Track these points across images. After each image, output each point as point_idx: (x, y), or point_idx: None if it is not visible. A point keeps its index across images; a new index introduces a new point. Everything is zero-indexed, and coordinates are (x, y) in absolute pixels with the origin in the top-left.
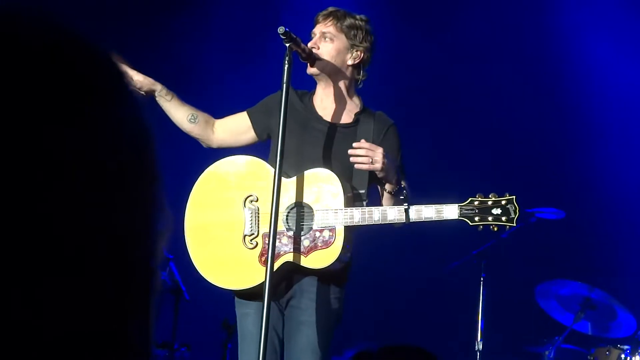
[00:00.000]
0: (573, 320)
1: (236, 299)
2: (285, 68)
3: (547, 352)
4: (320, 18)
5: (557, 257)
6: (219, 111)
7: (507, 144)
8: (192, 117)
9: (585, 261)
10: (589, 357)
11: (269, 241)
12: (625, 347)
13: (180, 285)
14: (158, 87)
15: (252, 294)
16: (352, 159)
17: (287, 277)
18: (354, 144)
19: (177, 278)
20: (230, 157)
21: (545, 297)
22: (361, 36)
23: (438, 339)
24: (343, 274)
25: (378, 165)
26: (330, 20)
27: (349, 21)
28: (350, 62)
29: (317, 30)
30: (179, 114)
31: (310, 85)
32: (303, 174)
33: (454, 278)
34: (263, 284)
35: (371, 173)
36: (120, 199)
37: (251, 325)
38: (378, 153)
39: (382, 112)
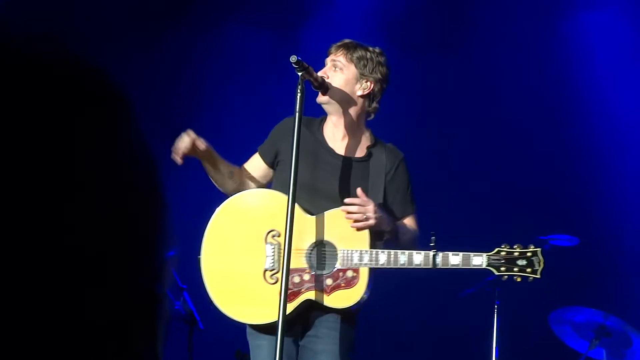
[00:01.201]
0: (588, 347)
1: (249, 329)
2: (298, 97)
3: None
4: (332, 49)
5: (571, 284)
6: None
7: (521, 171)
8: (230, 174)
9: (599, 288)
10: None
11: (281, 271)
12: None
13: (194, 315)
14: (213, 154)
15: (268, 327)
16: (346, 216)
17: (305, 313)
18: (346, 200)
19: (191, 307)
20: (250, 189)
21: (560, 324)
22: (371, 67)
23: None
24: (352, 318)
25: (372, 222)
26: (340, 51)
27: (359, 52)
28: (359, 93)
29: (329, 60)
30: (219, 174)
31: (317, 113)
32: (328, 212)
33: (468, 305)
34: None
35: (385, 206)
36: (126, 223)
37: (266, 356)
38: (370, 209)
39: (392, 144)
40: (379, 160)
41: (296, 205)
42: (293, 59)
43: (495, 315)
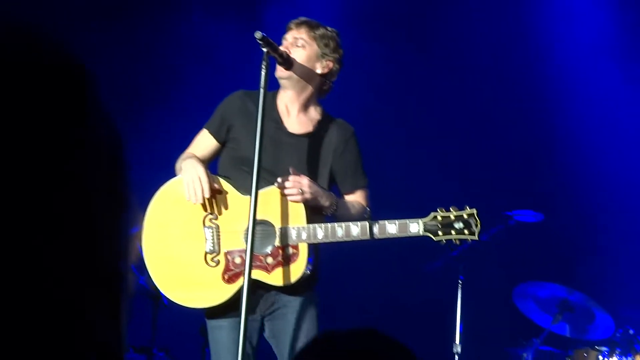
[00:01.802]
0: (551, 322)
1: (206, 311)
2: (263, 73)
3: (525, 355)
4: (292, 26)
5: (535, 259)
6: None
7: (485, 147)
8: None
9: (563, 263)
10: (567, 358)
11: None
12: (603, 348)
13: (159, 290)
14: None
15: (224, 309)
16: (281, 193)
17: (253, 293)
18: (278, 179)
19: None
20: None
21: (523, 299)
22: (332, 46)
23: (416, 342)
24: (312, 277)
25: (307, 196)
26: (303, 28)
27: (321, 31)
28: (319, 71)
29: (290, 36)
30: None
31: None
32: (260, 191)
33: (432, 281)
34: (229, 301)
35: (330, 174)
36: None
37: (225, 337)
38: (304, 183)
39: (342, 119)
40: (329, 135)
41: (230, 186)
42: (258, 35)
43: (460, 289)
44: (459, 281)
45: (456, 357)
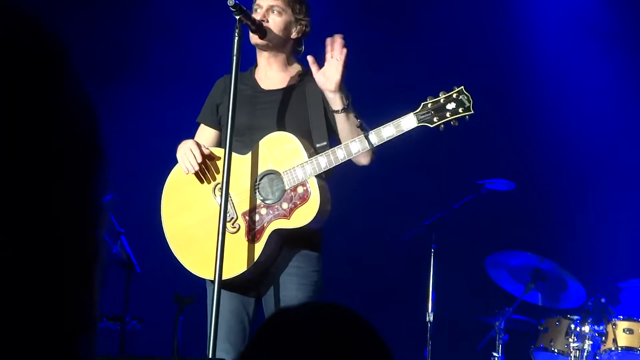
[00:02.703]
0: (523, 291)
1: (208, 284)
2: (236, 40)
3: (497, 323)
4: None
5: (507, 228)
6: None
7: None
8: None
9: (535, 232)
10: (539, 327)
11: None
12: (575, 317)
13: (131, 259)
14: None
15: (231, 285)
16: (332, 55)
17: (279, 248)
18: (328, 39)
19: (129, 252)
20: None
21: (496, 268)
22: (305, 10)
23: (388, 311)
24: (317, 244)
25: (342, 68)
26: None
27: None
28: (294, 36)
29: (263, 2)
30: None
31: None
32: (258, 143)
33: (405, 249)
34: (261, 258)
35: (329, 126)
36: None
37: (227, 310)
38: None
39: None
40: (312, 82)
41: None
42: (231, 2)
43: (432, 259)
44: (432, 250)
45: (429, 325)
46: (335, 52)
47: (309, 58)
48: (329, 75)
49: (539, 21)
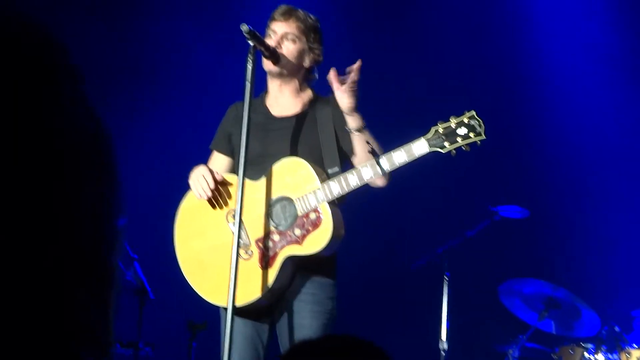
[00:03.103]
0: (537, 319)
1: (222, 311)
2: (249, 66)
3: (511, 351)
4: (280, 17)
5: (521, 255)
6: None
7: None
8: None
9: (549, 260)
10: (553, 355)
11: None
12: (589, 345)
13: (145, 285)
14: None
15: (242, 311)
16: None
17: (293, 274)
18: (347, 69)
19: (142, 277)
20: None
21: (509, 296)
22: (318, 39)
23: (402, 338)
24: (331, 271)
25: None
26: (293, 21)
27: (309, 22)
28: (307, 64)
29: (278, 29)
30: None
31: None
32: (271, 169)
33: (418, 277)
34: (275, 285)
35: (340, 151)
36: (78, 193)
37: (240, 337)
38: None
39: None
40: (323, 108)
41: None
42: (244, 28)
43: (446, 286)
44: (445, 278)
45: (442, 353)
46: (354, 74)
47: (331, 72)
48: (342, 97)
49: (553, 43)
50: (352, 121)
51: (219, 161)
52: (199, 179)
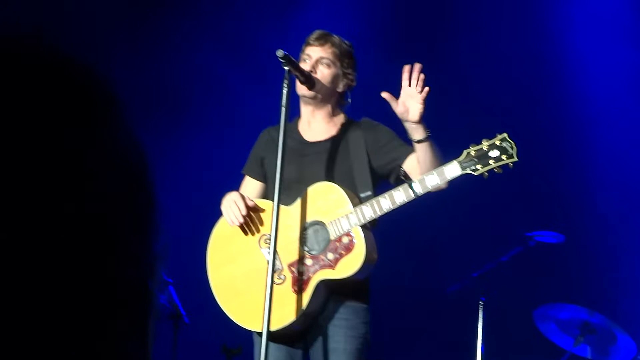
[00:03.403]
0: (573, 344)
1: (255, 336)
2: (284, 91)
3: None
4: (314, 42)
5: (556, 280)
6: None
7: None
8: None
9: (584, 285)
10: None
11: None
12: None
13: (179, 310)
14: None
15: (278, 337)
16: (409, 84)
17: (326, 298)
18: (406, 66)
19: (177, 302)
20: None
21: (545, 321)
22: (353, 64)
23: None
24: (365, 295)
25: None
26: (329, 46)
27: (343, 48)
28: (340, 89)
29: (313, 53)
30: None
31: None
32: (304, 194)
33: (453, 302)
34: (308, 309)
35: (373, 175)
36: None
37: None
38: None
39: (365, 117)
40: (355, 132)
41: (270, 202)
42: (280, 53)
43: (481, 311)
44: (480, 303)
45: None
46: (416, 83)
47: (385, 95)
48: (409, 106)
49: (590, 66)
50: (418, 132)
51: (251, 186)
52: (231, 206)
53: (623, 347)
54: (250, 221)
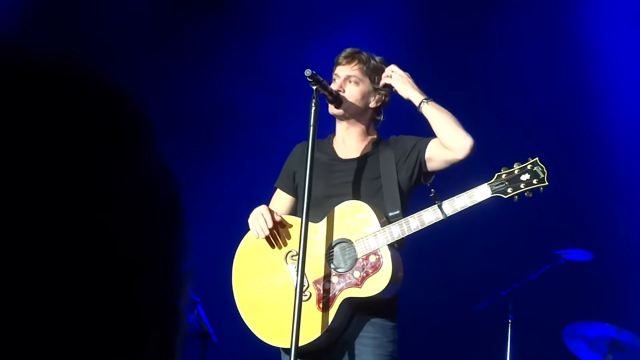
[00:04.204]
0: None
1: (282, 354)
2: (312, 110)
3: None
4: (343, 60)
5: (585, 298)
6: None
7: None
8: None
9: (613, 303)
10: None
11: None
12: None
13: (207, 328)
14: None
15: (302, 353)
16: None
17: (351, 316)
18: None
19: (205, 321)
20: None
21: (573, 339)
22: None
23: None
24: (392, 313)
25: (399, 73)
26: (355, 64)
27: (373, 64)
28: (372, 105)
29: (341, 72)
30: None
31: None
32: (332, 212)
33: (482, 320)
34: (333, 325)
35: (402, 195)
36: (147, 237)
37: None
38: (388, 69)
39: (393, 135)
40: (385, 150)
41: (297, 219)
42: (307, 72)
43: (509, 329)
44: (509, 321)
45: None
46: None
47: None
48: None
49: (620, 86)
50: (413, 98)
51: (281, 199)
52: (258, 218)
53: None
54: (277, 236)
